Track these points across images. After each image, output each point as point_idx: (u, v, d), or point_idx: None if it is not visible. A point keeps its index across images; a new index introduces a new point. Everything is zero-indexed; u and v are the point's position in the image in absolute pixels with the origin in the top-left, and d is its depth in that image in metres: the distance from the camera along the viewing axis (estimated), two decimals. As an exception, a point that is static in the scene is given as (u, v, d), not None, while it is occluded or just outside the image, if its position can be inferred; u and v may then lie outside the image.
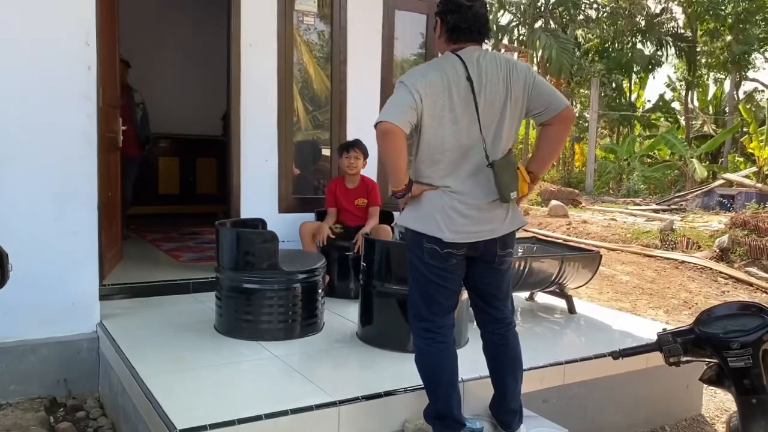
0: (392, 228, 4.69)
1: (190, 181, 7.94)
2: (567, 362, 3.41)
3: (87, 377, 3.72)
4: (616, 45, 25.45)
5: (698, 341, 1.89)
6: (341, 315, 4.09)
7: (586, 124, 20.45)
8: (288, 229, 4.56)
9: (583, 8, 24.26)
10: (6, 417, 3.39)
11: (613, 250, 9.48)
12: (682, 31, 25.24)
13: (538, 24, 23.53)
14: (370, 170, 4.86)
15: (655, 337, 1.98)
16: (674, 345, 1.90)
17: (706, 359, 1.93)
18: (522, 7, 23.75)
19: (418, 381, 2.78)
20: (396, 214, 4.89)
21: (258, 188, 4.79)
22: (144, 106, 6.09)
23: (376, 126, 2.43)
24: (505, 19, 24.72)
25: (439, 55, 2.67)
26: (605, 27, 24.88)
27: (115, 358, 3.34)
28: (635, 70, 25.26)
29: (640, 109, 25.70)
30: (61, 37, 3.57)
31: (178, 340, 3.53)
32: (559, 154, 3.43)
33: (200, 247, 5.93)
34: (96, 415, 3.52)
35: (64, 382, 3.68)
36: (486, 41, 2.57)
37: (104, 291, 4.03)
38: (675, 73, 26.49)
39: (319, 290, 3.78)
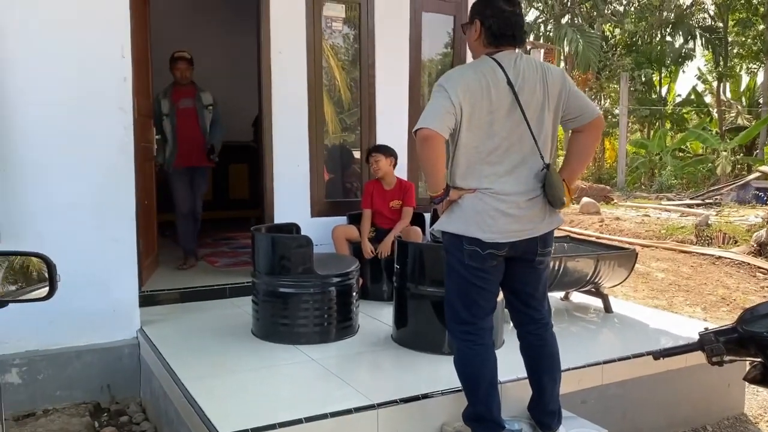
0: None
1: (223, 186, 8.03)
2: (605, 362, 3.38)
3: (129, 382, 3.81)
4: (645, 39, 25.06)
5: (741, 340, 1.86)
6: (375, 318, 4.11)
7: (616, 120, 20.15)
8: (321, 232, 4.60)
9: (610, 2, 23.96)
10: (53, 422, 3.49)
11: (647, 246, 9.34)
12: (713, 22, 24.75)
13: (565, 20, 23.30)
14: (400, 172, 4.88)
15: (694, 335, 1.95)
16: (717, 344, 1.87)
17: (750, 358, 1.90)
18: (549, 2, 23.54)
19: (454, 383, 2.79)
20: (426, 215, 4.91)
21: (291, 193, 4.84)
22: (216, 108, 5.42)
23: (415, 133, 2.45)
24: (531, 15, 24.54)
25: (470, 54, 2.69)
26: (633, 21, 24.51)
27: (156, 363, 3.41)
28: (665, 63, 24.82)
29: (672, 103, 25.24)
30: (98, 50, 3.66)
31: (216, 344, 3.59)
32: (590, 162, 3.35)
33: (235, 252, 6.00)
34: (139, 419, 3.59)
35: (107, 387, 3.77)
36: (520, 45, 2.57)
37: (143, 297, 4.10)
38: (706, 65, 25.96)
39: (354, 293, 3.81)
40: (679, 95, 25.83)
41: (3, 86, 3.46)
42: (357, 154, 5.39)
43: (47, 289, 1.99)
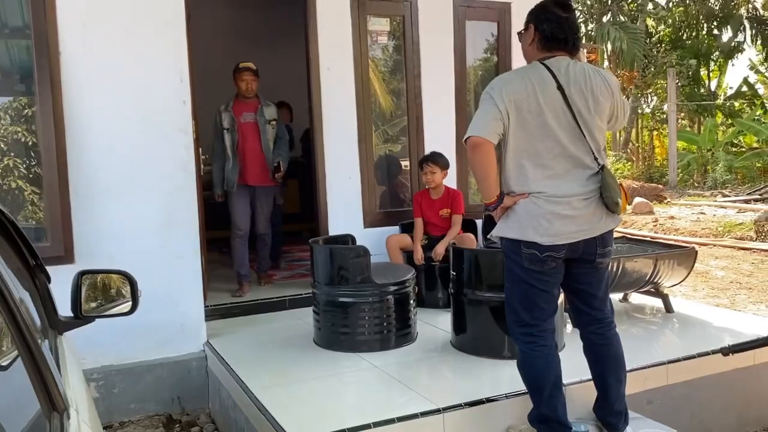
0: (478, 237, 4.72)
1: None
2: (669, 362, 3.35)
3: (198, 394, 3.94)
4: (691, 33, 24.45)
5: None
6: (432, 324, 4.15)
7: (665, 116, 19.68)
8: (374, 243, 4.66)
9: (651, -2, 23.50)
10: (129, 434, 3.65)
11: (704, 245, 9.13)
12: (762, 12, 23.97)
13: (606, 18, 22.95)
14: (449, 180, 4.92)
15: (760, 332, 1.94)
16: (790, 338, 1.86)
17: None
18: (588, 2, 23.23)
19: (517, 387, 2.82)
20: (478, 222, 4.94)
21: (343, 205, 4.92)
22: (280, 123, 5.12)
23: (465, 141, 2.52)
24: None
25: (515, 60, 2.75)
26: (675, 14, 23.96)
27: (224, 374, 3.53)
28: (713, 57, 24.14)
29: (722, 97, 24.51)
30: (160, 76, 3.84)
31: (281, 354, 3.69)
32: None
33: (291, 265, 6.12)
34: (209, 429, 3.72)
35: (177, 399, 3.91)
36: (574, 51, 2.59)
37: (206, 311, 4.23)
38: (758, 55, 25.12)
39: (411, 301, 3.87)
40: (731, 87, 25.07)
41: (72, 114, 3.66)
42: (405, 164, 5.46)
43: (130, 304, 2.12)
